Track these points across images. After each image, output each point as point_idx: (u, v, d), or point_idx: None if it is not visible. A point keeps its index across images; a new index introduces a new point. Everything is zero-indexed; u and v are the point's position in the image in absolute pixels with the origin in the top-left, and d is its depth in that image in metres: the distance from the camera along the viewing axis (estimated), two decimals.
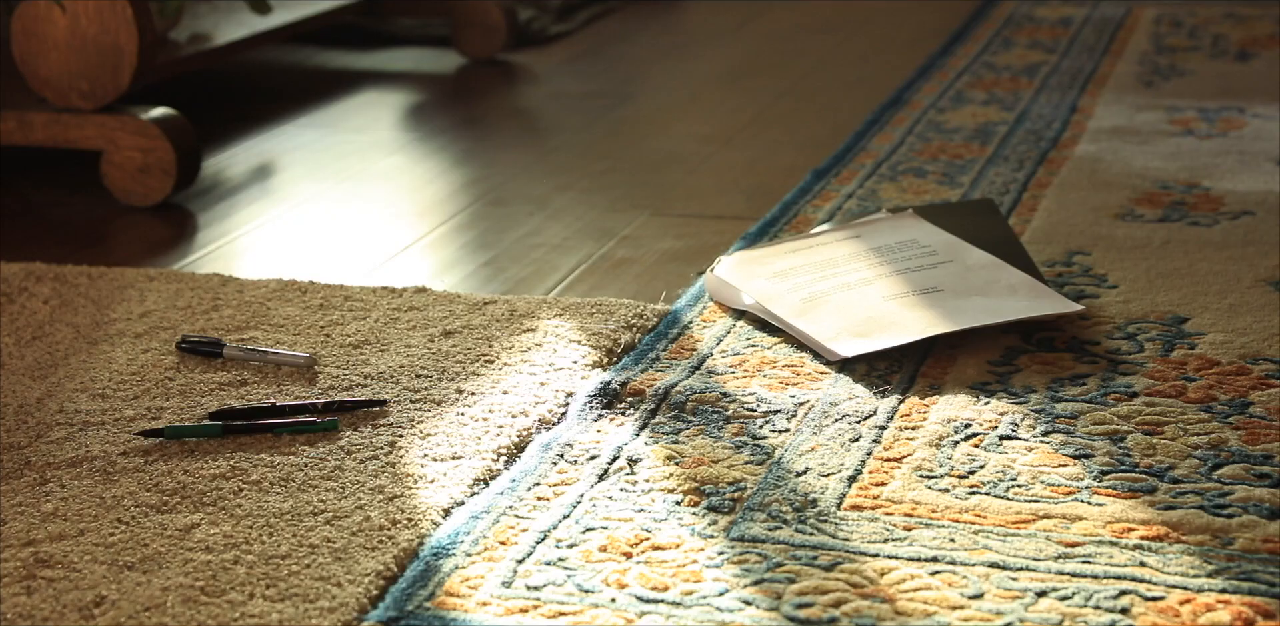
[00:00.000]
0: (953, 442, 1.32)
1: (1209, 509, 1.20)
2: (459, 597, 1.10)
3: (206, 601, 1.10)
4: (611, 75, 2.74)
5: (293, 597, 1.10)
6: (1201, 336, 1.52)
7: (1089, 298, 1.62)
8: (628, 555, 1.15)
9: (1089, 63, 2.65)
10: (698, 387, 1.43)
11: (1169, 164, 2.07)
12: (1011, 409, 1.37)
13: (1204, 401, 1.39)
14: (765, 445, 1.32)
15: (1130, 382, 1.42)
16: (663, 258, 1.83)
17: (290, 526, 1.20)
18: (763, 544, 1.17)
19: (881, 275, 1.59)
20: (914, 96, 2.45)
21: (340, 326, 1.59)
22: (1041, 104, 2.38)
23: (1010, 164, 2.08)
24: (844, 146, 2.18)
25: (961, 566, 1.13)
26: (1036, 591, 1.10)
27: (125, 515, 1.22)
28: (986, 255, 1.62)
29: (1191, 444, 1.31)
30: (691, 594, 1.10)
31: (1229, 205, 1.90)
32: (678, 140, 2.33)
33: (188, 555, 1.16)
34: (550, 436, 1.35)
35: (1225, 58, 2.68)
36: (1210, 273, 1.68)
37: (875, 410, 1.38)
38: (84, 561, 1.15)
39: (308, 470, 1.29)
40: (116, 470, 1.29)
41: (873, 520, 1.20)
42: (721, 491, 1.24)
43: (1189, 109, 2.34)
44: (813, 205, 1.94)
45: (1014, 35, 2.87)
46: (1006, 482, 1.25)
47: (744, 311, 1.60)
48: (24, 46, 2.04)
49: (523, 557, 1.15)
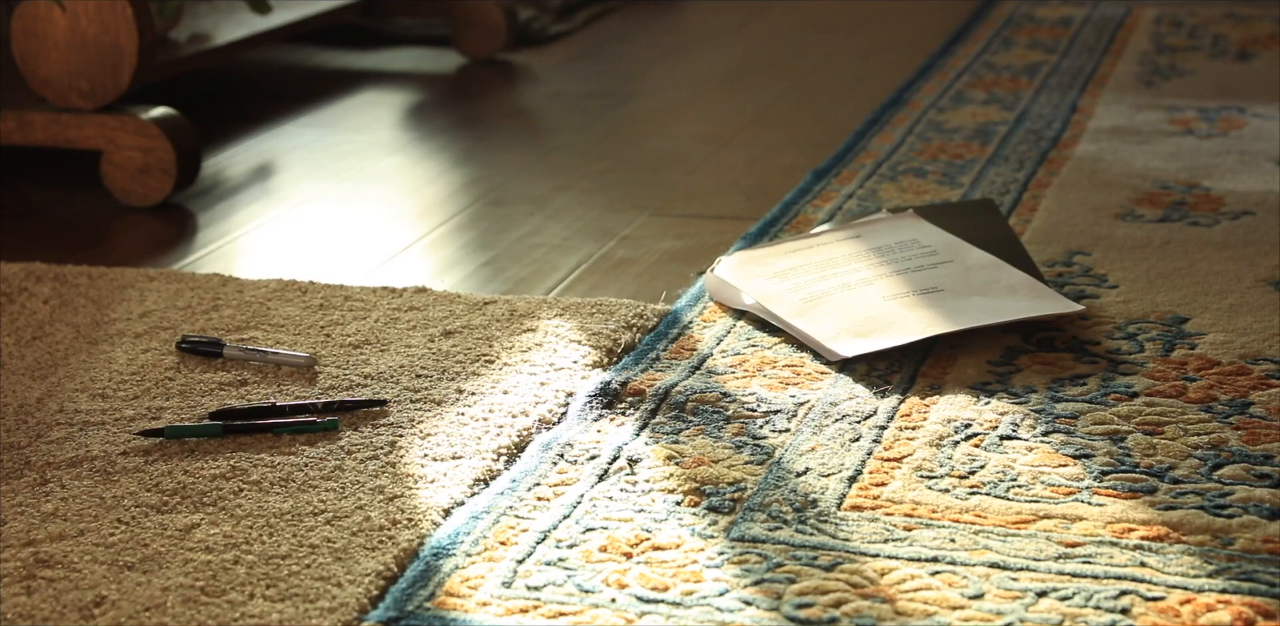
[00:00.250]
0: (953, 443, 1.32)
1: (1209, 509, 1.20)
2: (459, 598, 1.10)
3: (206, 601, 1.10)
4: (611, 75, 2.74)
5: (293, 597, 1.10)
6: (1202, 336, 1.52)
7: (1089, 298, 1.62)
8: (628, 555, 1.15)
9: (1089, 63, 2.65)
10: (698, 388, 1.43)
11: (1169, 164, 2.07)
12: (1012, 409, 1.37)
13: (1204, 401, 1.39)
14: (765, 445, 1.32)
15: (1131, 383, 1.42)
16: (663, 258, 1.83)
17: (290, 526, 1.20)
18: (763, 544, 1.17)
19: (882, 275, 1.59)
20: (914, 96, 2.45)
21: (340, 326, 1.59)
22: (1042, 104, 2.38)
23: (1010, 164, 2.08)
24: (844, 146, 2.18)
25: (962, 566, 1.13)
26: (1037, 591, 1.10)
27: (125, 515, 1.22)
28: (987, 255, 1.62)
29: (1192, 444, 1.31)
30: (692, 594, 1.10)
31: (1229, 205, 1.90)
32: (678, 140, 2.33)
33: (188, 555, 1.16)
34: (550, 436, 1.35)
35: (1225, 58, 2.68)
36: (1210, 273, 1.68)
37: (875, 410, 1.38)
38: (84, 561, 1.15)
39: (308, 470, 1.29)
40: (116, 470, 1.29)
41: (873, 520, 1.20)
42: (722, 491, 1.24)
43: (1189, 109, 2.34)
44: (813, 205, 1.94)
45: (1014, 35, 2.87)
46: (1007, 483, 1.25)
47: (744, 311, 1.60)
48: (24, 46, 2.04)
49: (523, 558, 1.15)
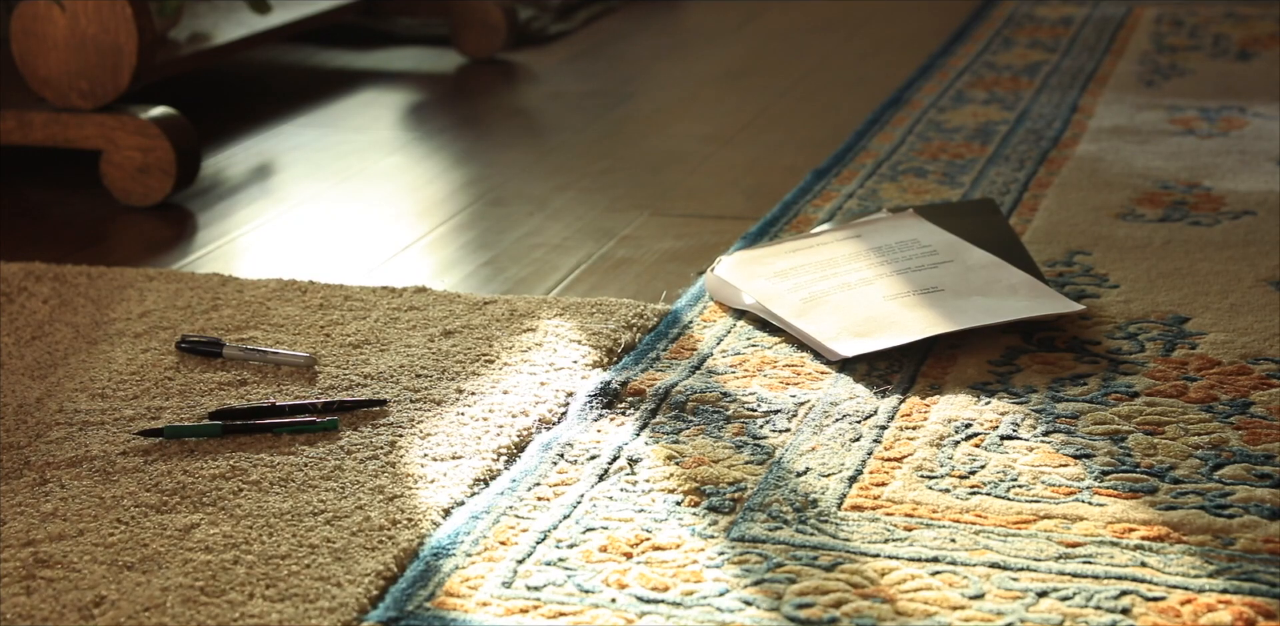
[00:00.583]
0: (953, 442, 1.32)
1: (1210, 509, 1.20)
2: (459, 598, 1.10)
3: (206, 601, 1.10)
4: (611, 75, 2.75)
5: (293, 597, 1.10)
6: (1202, 336, 1.52)
7: (1090, 297, 1.62)
8: (628, 555, 1.16)
9: (1090, 62, 2.65)
10: (698, 387, 1.43)
11: (1170, 163, 2.07)
12: (1012, 409, 1.37)
13: (1205, 401, 1.39)
14: (766, 445, 1.32)
15: (1131, 382, 1.42)
16: (663, 257, 1.83)
17: (290, 526, 1.20)
18: (763, 544, 1.17)
19: (882, 275, 1.60)
20: (914, 96, 2.45)
21: (340, 326, 1.59)
22: (1042, 103, 2.38)
23: (1011, 163, 2.08)
24: (844, 146, 2.18)
25: (962, 566, 1.13)
26: (1037, 591, 1.10)
27: (125, 515, 1.22)
28: (987, 255, 1.62)
29: (1192, 444, 1.31)
30: (692, 594, 1.10)
31: (1230, 205, 1.90)
32: (678, 140, 2.34)
33: (187, 555, 1.16)
34: (550, 436, 1.35)
35: (1226, 57, 2.68)
36: (1211, 272, 1.68)
37: (876, 410, 1.38)
38: (84, 561, 1.15)
39: (308, 470, 1.29)
40: (116, 470, 1.30)
41: (873, 520, 1.20)
42: (722, 491, 1.24)
43: (1190, 108, 2.34)
44: (813, 205, 1.94)
45: (1014, 34, 2.87)
46: (1007, 483, 1.25)
47: (744, 311, 1.60)
48: (24, 46, 2.04)
49: (523, 558, 1.15)
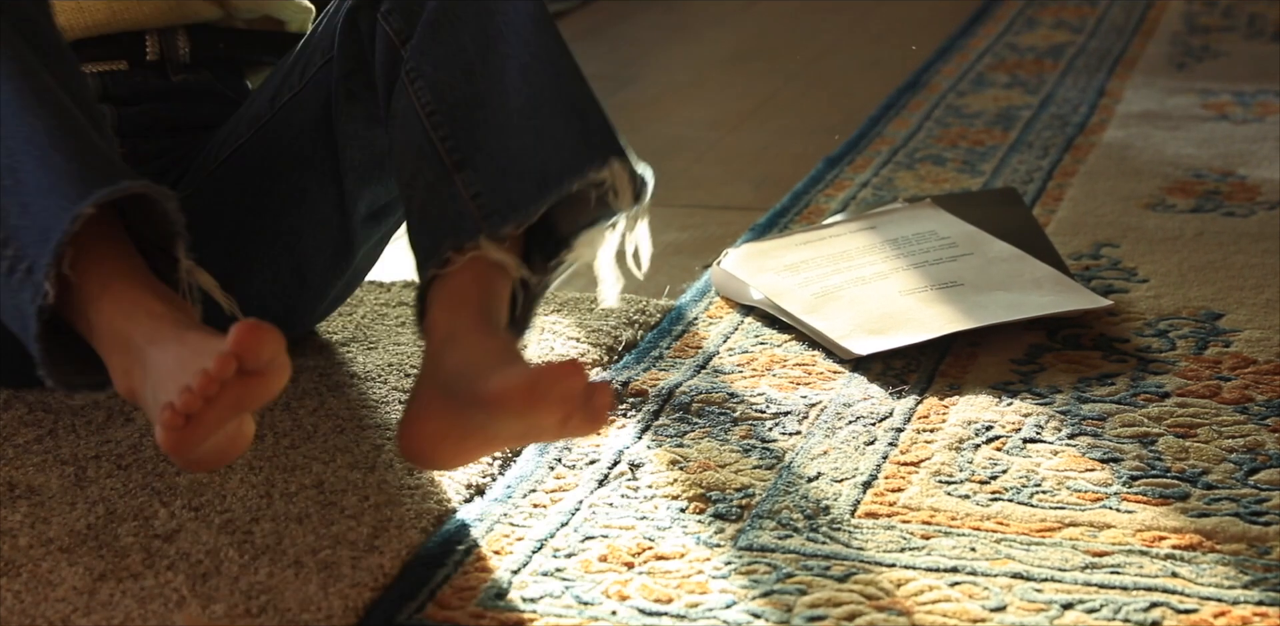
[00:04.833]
0: (973, 446, 1.32)
1: (1245, 516, 1.20)
2: (450, 609, 1.10)
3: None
4: (612, 57, 2.74)
5: (277, 609, 1.10)
6: (1237, 333, 1.52)
7: (1118, 292, 1.62)
8: (629, 565, 1.15)
9: (1117, 43, 2.65)
10: (703, 388, 1.43)
11: (1202, 151, 2.07)
12: (1035, 410, 1.37)
13: (1239, 402, 1.38)
14: (775, 448, 1.32)
15: (1161, 382, 1.42)
16: (666, 250, 1.83)
17: (277, 535, 1.20)
18: (772, 553, 1.17)
19: (898, 268, 1.59)
20: (932, 79, 2.45)
21: (325, 322, 1.59)
22: (1067, 87, 2.38)
23: (1034, 151, 2.08)
24: (858, 132, 2.18)
25: (983, 577, 1.13)
26: (1062, 603, 1.10)
27: (107, 517, 1.22)
28: (1009, 247, 1.62)
29: (1226, 447, 1.31)
30: (697, 606, 1.10)
31: (1266, 194, 1.90)
32: (682, 126, 2.34)
33: (170, 563, 1.16)
34: None
35: (1262, 38, 2.68)
36: (1246, 266, 1.68)
37: (891, 411, 1.38)
38: (60, 566, 1.15)
39: (296, 477, 1.29)
40: (88, 478, 1.29)
41: (889, 528, 1.20)
42: (729, 498, 1.24)
43: (1223, 93, 2.34)
44: (825, 194, 1.94)
45: (1038, 14, 2.87)
46: (1030, 488, 1.25)
47: (752, 307, 1.60)
48: None
49: (518, 568, 1.15)
